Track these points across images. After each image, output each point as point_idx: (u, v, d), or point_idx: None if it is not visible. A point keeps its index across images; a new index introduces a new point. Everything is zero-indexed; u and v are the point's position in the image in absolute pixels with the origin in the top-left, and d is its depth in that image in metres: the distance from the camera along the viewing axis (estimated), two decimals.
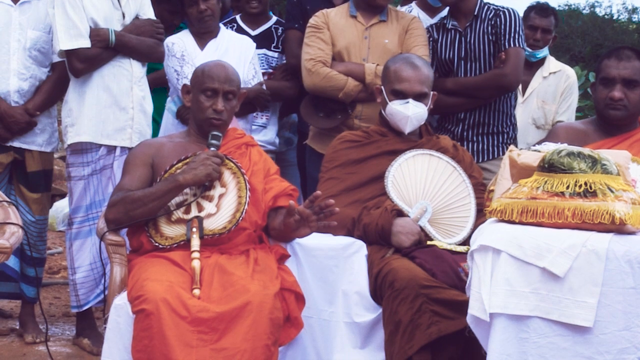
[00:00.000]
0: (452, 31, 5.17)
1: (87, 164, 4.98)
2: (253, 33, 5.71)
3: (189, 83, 4.30)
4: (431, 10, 5.69)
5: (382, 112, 4.52)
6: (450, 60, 5.15)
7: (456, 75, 5.14)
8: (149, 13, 5.20)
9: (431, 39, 5.21)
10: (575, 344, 3.20)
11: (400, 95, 4.42)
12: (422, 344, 3.73)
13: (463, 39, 5.14)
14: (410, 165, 4.35)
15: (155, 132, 5.42)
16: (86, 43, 4.90)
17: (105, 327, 3.79)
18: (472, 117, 5.15)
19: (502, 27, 5.08)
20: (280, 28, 5.76)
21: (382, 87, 4.51)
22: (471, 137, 5.15)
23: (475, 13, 5.15)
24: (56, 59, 5.12)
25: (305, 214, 3.92)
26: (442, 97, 4.89)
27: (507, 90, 5.17)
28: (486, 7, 5.17)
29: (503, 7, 5.16)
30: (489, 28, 5.10)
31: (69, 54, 4.91)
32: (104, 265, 4.12)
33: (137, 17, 5.13)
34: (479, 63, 5.11)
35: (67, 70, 5.05)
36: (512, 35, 5.08)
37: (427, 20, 5.60)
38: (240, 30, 5.68)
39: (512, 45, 5.06)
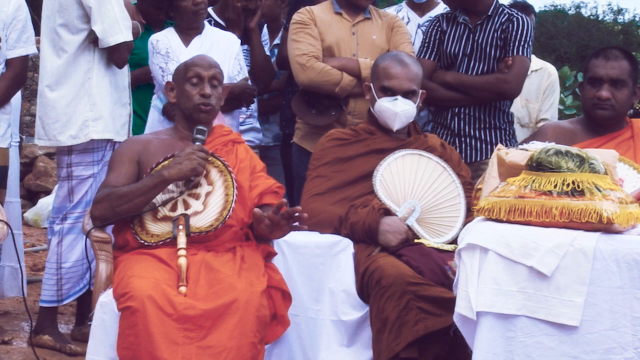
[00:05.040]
0: (462, 26, 5.13)
1: (98, 162, 4.96)
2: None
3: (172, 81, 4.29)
4: (420, 9, 5.67)
5: (371, 109, 4.52)
6: (455, 55, 5.12)
7: (457, 71, 5.12)
8: None
9: (439, 29, 5.19)
10: (562, 343, 3.20)
11: (389, 92, 4.42)
12: (409, 340, 3.73)
13: (472, 35, 5.11)
14: (399, 165, 4.34)
15: (140, 129, 5.40)
16: (132, 35, 4.96)
17: (90, 325, 3.78)
18: (468, 110, 5.12)
19: (513, 33, 5.05)
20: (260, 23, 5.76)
21: (371, 84, 4.51)
22: (469, 132, 5.12)
23: (489, 13, 5.12)
24: (11, 55, 5.01)
25: (275, 220, 3.84)
26: (438, 88, 4.91)
27: (506, 98, 5.14)
28: (500, 9, 5.15)
29: (517, 14, 5.14)
30: (499, 32, 5.08)
31: (120, 45, 4.89)
32: (89, 261, 4.11)
33: None
34: (482, 63, 5.08)
35: (23, 68, 5.01)
36: (522, 43, 5.06)
37: (415, 19, 5.59)
38: (218, 26, 5.67)
39: (519, 53, 5.04)
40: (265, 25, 6.01)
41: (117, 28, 4.86)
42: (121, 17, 4.87)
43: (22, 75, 5.08)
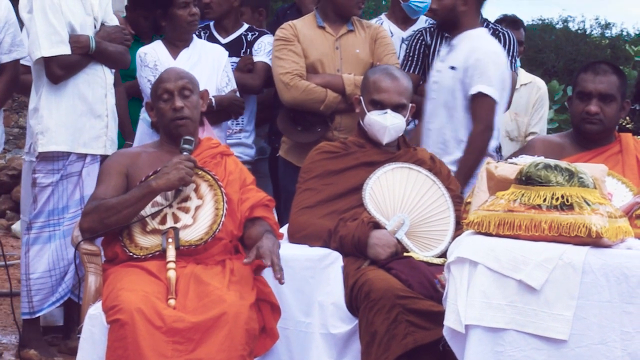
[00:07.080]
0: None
1: (57, 171, 4.92)
2: (224, 41, 5.70)
3: None
4: (403, 23, 5.66)
5: (361, 122, 4.51)
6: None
7: None
8: (114, 20, 5.18)
9: (423, 42, 5.19)
10: (550, 357, 3.21)
11: (379, 105, 4.41)
12: (398, 354, 3.73)
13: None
14: (389, 178, 4.34)
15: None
16: (67, 50, 4.87)
17: (79, 337, 3.77)
18: None
19: None
20: (250, 34, 5.76)
21: (361, 98, 4.51)
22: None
23: None
24: (6, 59, 4.96)
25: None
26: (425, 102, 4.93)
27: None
28: (485, 23, 5.16)
29: (502, 29, 5.15)
30: None
31: (48, 60, 4.84)
32: (79, 272, 4.09)
33: (102, 24, 5.09)
34: None
35: (17, 72, 4.98)
36: (509, 58, 5.07)
37: (399, 34, 5.59)
38: (212, 38, 5.67)
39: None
40: None
41: (37, 44, 4.83)
42: (44, 32, 4.83)
43: (17, 79, 5.05)
